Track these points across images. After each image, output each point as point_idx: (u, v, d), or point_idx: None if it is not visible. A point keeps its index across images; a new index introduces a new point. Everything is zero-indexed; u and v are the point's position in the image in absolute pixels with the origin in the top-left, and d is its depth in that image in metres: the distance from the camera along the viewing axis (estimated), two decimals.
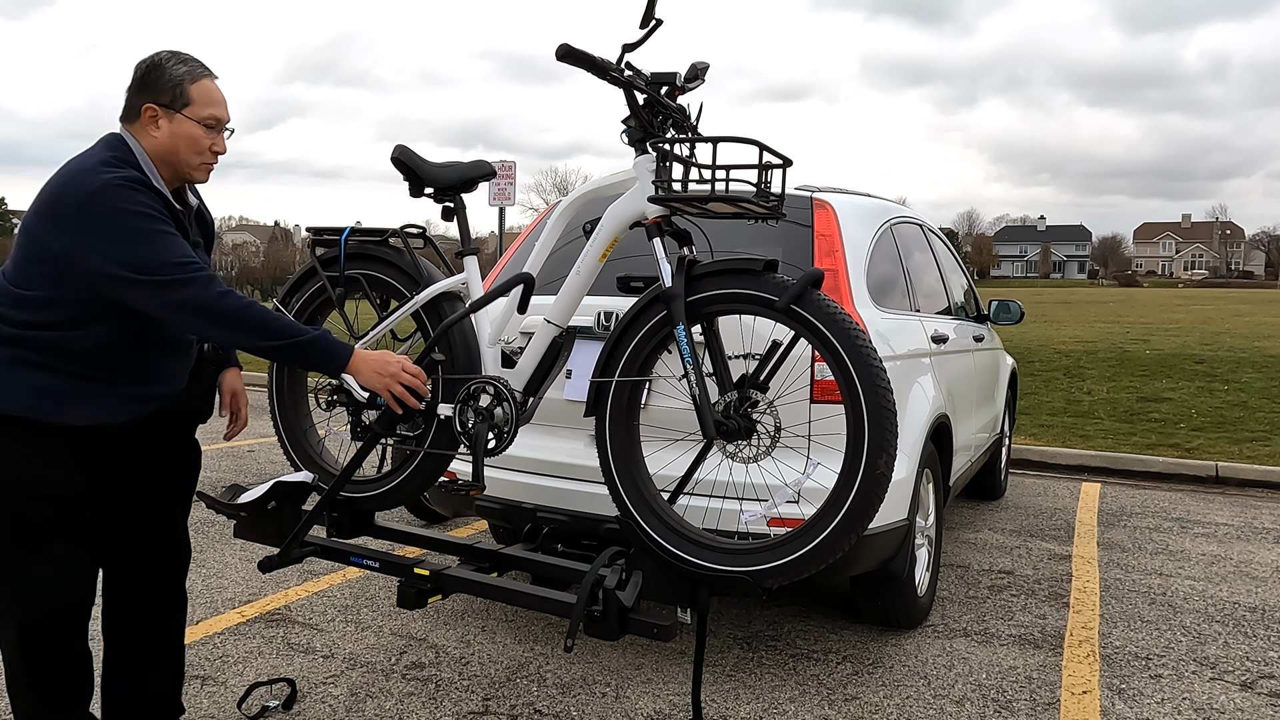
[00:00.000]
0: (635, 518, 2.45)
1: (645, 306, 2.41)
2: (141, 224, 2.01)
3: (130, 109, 2.15)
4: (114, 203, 1.99)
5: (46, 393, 2.07)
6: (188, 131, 2.15)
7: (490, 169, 2.74)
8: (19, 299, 2.05)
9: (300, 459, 3.02)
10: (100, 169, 2.02)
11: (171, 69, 2.13)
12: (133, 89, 2.14)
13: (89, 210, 1.99)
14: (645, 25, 2.33)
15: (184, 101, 2.13)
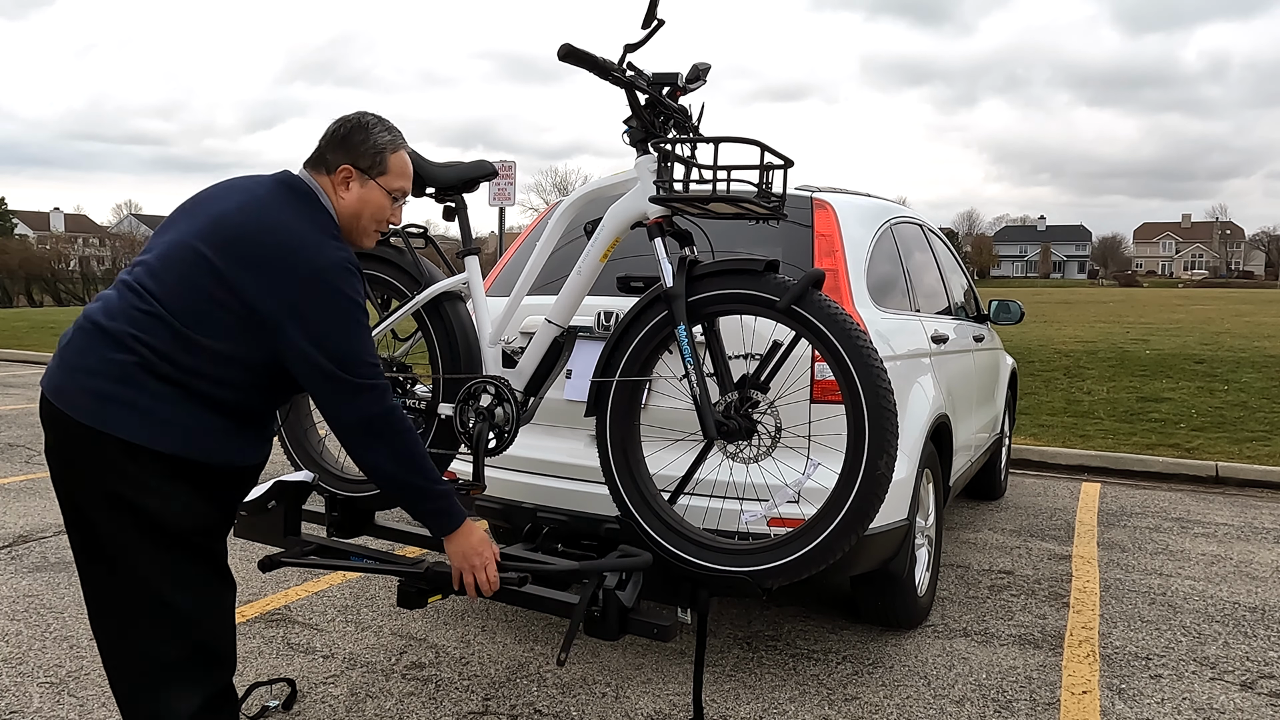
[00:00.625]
0: (635, 518, 2.45)
1: (646, 307, 2.41)
2: (357, 315, 1.91)
3: (322, 160, 2.07)
4: (340, 286, 1.88)
5: (212, 432, 1.89)
6: (377, 200, 2.08)
7: (491, 169, 2.74)
8: (189, 344, 1.83)
9: (300, 459, 3.03)
10: (331, 242, 1.93)
11: (376, 135, 2.07)
12: (331, 144, 2.07)
13: (317, 286, 1.87)
14: (647, 26, 2.33)
15: (381, 170, 2.07)
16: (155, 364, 1.81)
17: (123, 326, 1.82)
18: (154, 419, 1.81)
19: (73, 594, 3.75)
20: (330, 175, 2.05)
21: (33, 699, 2.86)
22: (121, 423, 1.79)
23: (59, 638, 3.32)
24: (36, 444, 6.77)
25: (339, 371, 1.88)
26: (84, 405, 1.80)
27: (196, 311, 1.84)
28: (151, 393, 1.81)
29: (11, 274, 37.25)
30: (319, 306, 1.86)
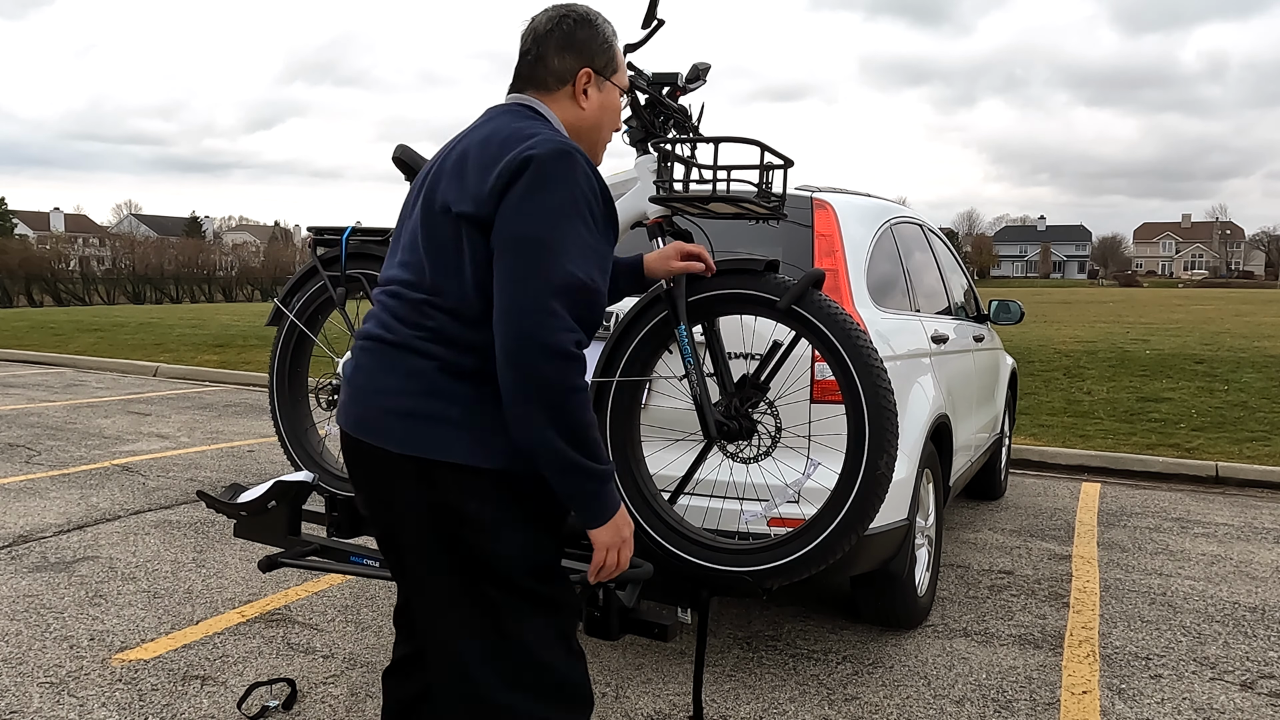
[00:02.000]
0: (636, 518, 2.45)
1: (646, 307, 2.41)
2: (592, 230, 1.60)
3: (543, 74, 1.75)
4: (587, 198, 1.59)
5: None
6: (615, 104, 1.80)
7: None
8: (470, 317, 1.58)
9: (300, 458, 3.03)
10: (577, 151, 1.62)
11: (604, 26, 1.77)
12: (557, 48, 1.74)
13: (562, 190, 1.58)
14: (647, 26, 2.33)
15: (614, 68, 1.78)
16: (454, 361, 1.58)
17: (406, 330, 1.60)
18: (473, 429, 1.57)
19: (73, 594, 3.75)
20: (562, 87, 1.75)
21: (33, 699, 2.86)
22: (438, 442, 1.57)
23: (59, 638, 3.32)
24: (36, 444, 6.78)
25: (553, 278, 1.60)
26: (393, 430, 1.58)
27: (481, 281, 1.59)
28: (462, 399, 1.57)
29: (11, 274, 37.26)
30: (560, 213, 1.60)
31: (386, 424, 1.59)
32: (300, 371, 3.08)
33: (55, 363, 12.70)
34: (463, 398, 1.57)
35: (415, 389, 1.58)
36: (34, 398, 9.25)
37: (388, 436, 1.58)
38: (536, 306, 1.52)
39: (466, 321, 1.58)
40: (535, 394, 1.52)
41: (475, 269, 1.58)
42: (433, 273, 1.60)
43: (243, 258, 50.64)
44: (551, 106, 1.75)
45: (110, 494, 5.38)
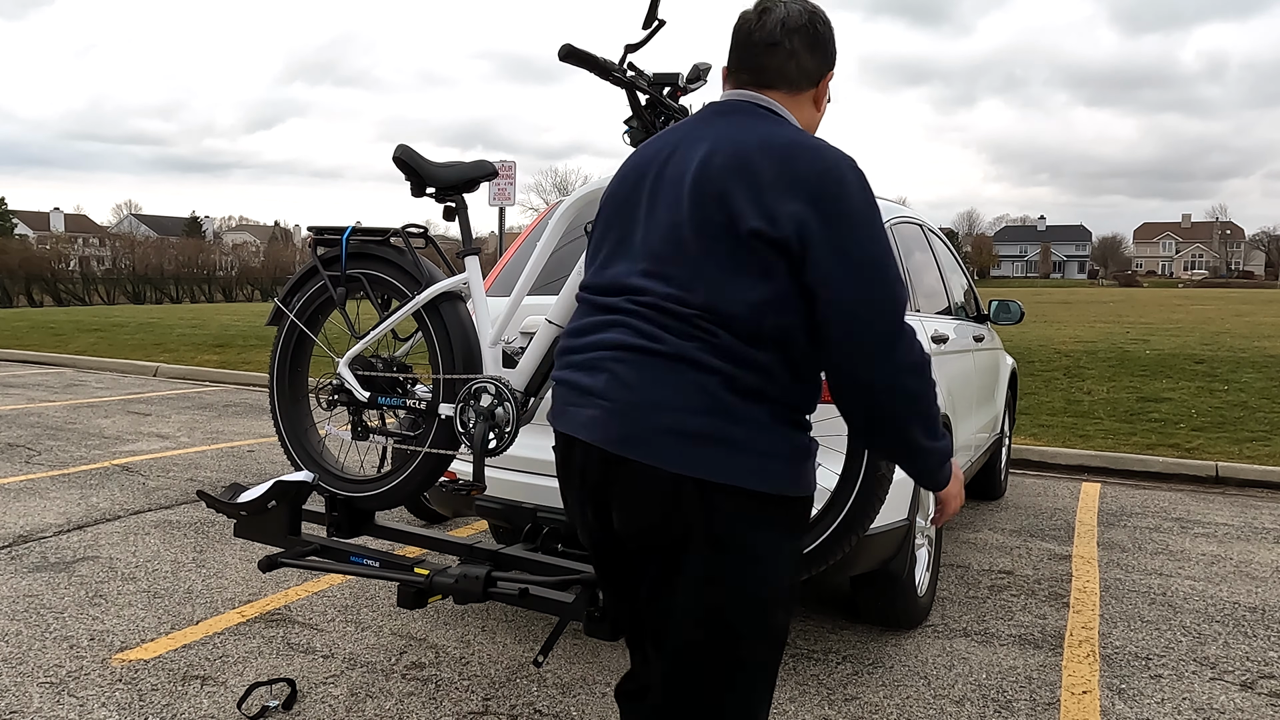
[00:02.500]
0: None
1: None
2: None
3: (801, 74, 1.64)
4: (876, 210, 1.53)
5: (800, 453, 1.57)
6: (825, 107, 1.72)
7: (492, 169, 2.74)
8: (752, 333, 1.49)
9: (301, 458, 3.03)
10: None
11: (830, 24, 1.67)
12: (806, 46, 1.63)
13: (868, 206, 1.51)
14: (648, 26, 2.33)
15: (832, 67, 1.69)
16: (738, 377, 1.48)
17: (680, 341, 1.49)
18: (755, 452, 1.48)
19: (73, 594, 3.75)
20: (809, 89, 1.66)
21: (33, 699, 2.86)
22: (721, 464, 1.46)
23: (59, 638, 3.32)
24: (36, 444, 6.78)
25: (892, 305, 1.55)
26: (671, 449, 1.46)
27: (775, 294, 1.49)
28: (745, 419, 1.48)
29: (11, 274, 37.25)
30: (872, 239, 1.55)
31: (664, 442, 1.46)
32: (301, 371, 3.08)
33: (55, 363, 12.70)
34: (746, 418, 1.47)
35: (697, 405, 1.46)
36: (34, 398, 9.25)
37: (665, 455, 1.46)
38: (895, 330, 1.48)
39: (747, 337, 1.48)
40: (911, 411, 1.51)
41: (763, 282, 1.47)
42: (707, 284, 1.49)
43: (243, 258, 50.65)
44: (790, 107, 1.64)
45: (110, 494, 5.38)
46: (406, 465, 2.76)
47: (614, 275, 1.59)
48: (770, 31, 1.62)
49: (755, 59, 1.64)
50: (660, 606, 1.56)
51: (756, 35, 1.64)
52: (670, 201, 1.55)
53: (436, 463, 2.71)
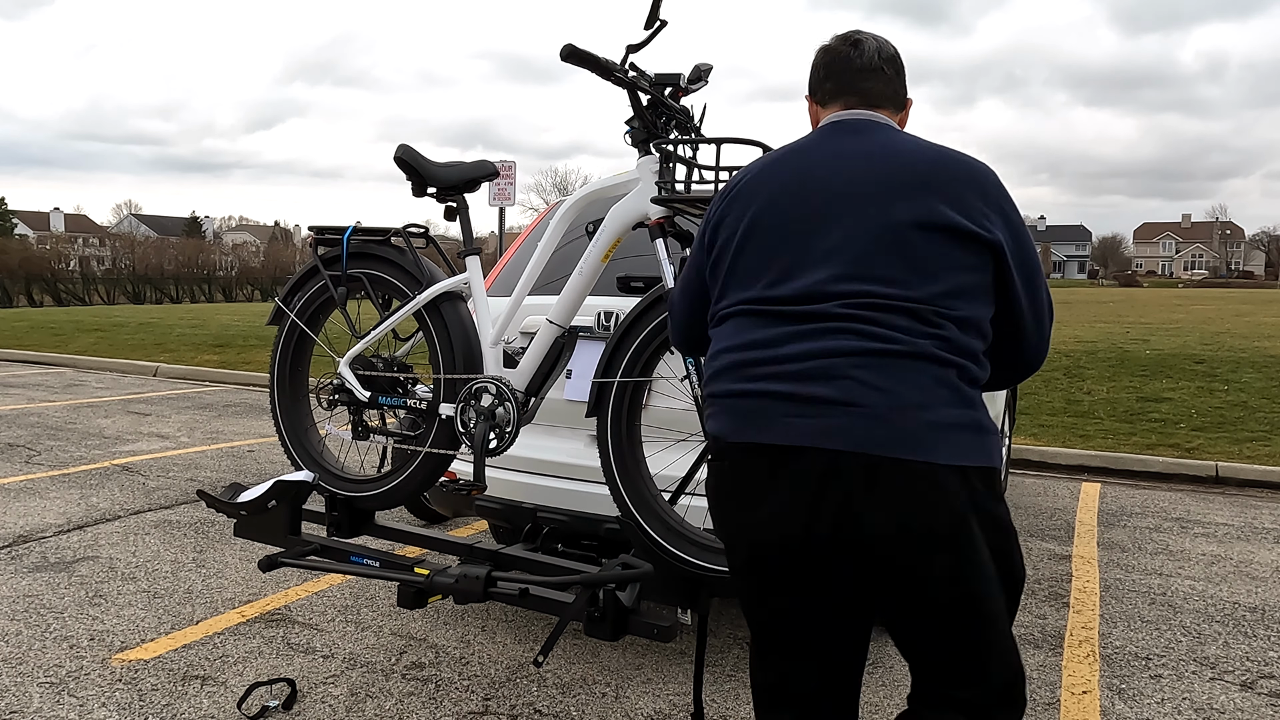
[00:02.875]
0: (636, 518, 2.45)
1: (648, 307, 2.41)
2: None
3: (901, 96, 1.82)
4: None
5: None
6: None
7: (493, 169, 2.74)
8: (968, 325, 1.58)
9: (301, 458, 3.03)
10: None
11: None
12: (895, 75, 1.81)
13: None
14: (650, 26, 2.33)
15: None
16: (967, 369, 1.57)
17: (919, 340, 1.54)
18: (991, 432, 1.57)
19: (73, 594, 3.75)
20: (902, 110, 1.83)
21: (33, 699, 2.85)
22: (976, 448, 1.54)
23: (59, 638, 3.32)
24: (36, 444, 6.77)
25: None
26: (938, 443, 1.51)
27: (983, 297, 1.61)
28: (980, 405, 1.57)
29: (11, 274, 37.22)
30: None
31: (932, 437, 1.50)
32: (301, 371, 3.08)
33: (55, 363, 12.70)
34: (978, 403, 1.58)
35: (946, 399, 1.53)
36: (34, 398, 9.25)
37: (936, 450, 1.50)
38: (1051, 320, 1.75)
39: (966, 329, 1.57)
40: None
41: (973, 278, 1.60)
42: (931, 281, 1.56)
43: (243, 258, 50.60)
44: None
45: (110, 494, 5.38)
46: (407, 465, 2.76)
47: (805, 285, 1.60)
48: (870, 59, 1.78)
49: (860, 84, 1.78)
50: (928, 600, 1.63)
51: (857, 63, 1.78)
52: (859, 210, 1.61)
53: (437, 463, 2.71)
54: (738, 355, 1.63)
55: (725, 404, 1.63)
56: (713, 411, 1.65)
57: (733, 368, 1.63)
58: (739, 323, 1.66)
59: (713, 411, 1.65)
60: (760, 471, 1.58)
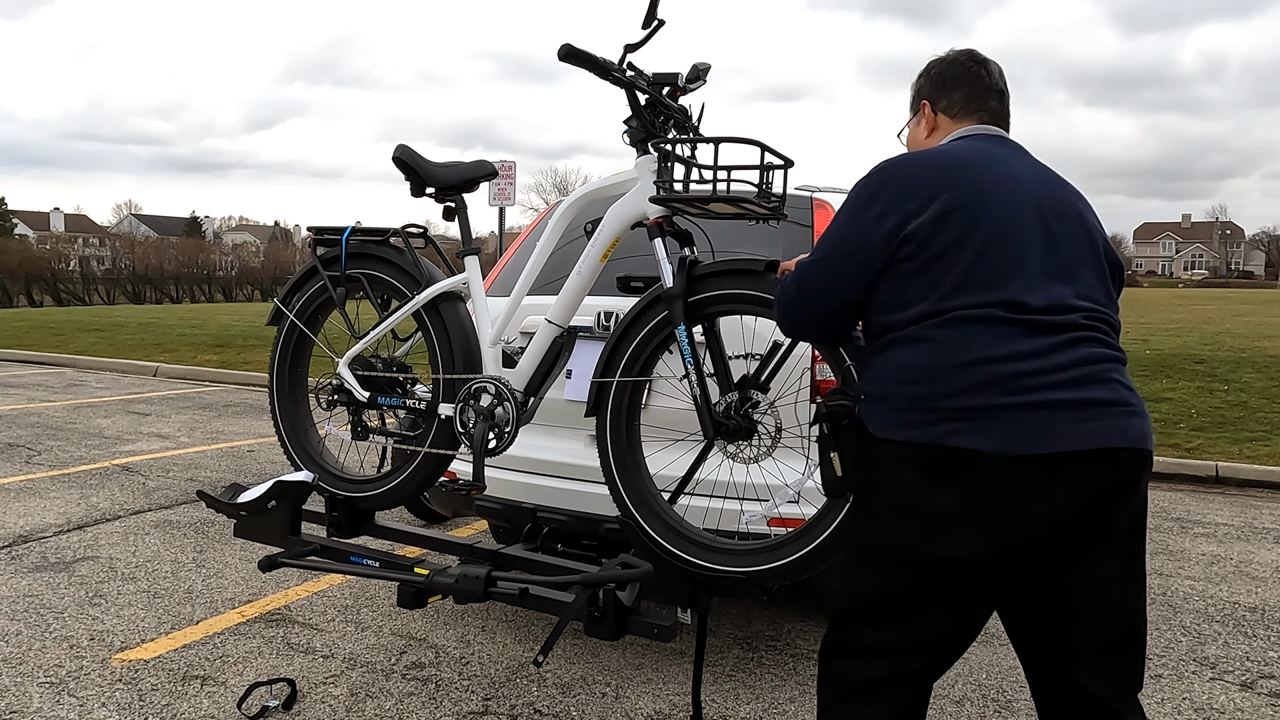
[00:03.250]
0: (635, 518, 2.45)
1: (646, 307, 2.41)
2: None
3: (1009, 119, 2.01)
4: None
5: None
6: None
7: (492, 169, 2.74)
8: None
9: (301, 458, 3.03)
10: None
11: None
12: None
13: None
14: (647, 26, 2.33)
15: None
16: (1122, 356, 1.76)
17: (1120, 351, 1.74)
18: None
19: (73, 594, 3.75)
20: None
21: (33, 699, 2.86)
22: (1149, 433, 1.70)
23: (59, 638, 3.32)
24: (36, 444, 6.78)
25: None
26: (1148, 433, 1.69)
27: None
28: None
29: (11, 274, 37.22)
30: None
31: (1149, 429, 1.70)
32: (300, 371, 3.08)
33: (55, 363, 12.70)
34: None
35: (1132, 388, 1.71)
36: (34, 398, 9.25)
37: (1149, 439, 1.69)
38: None
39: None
40: None
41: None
42: (1111, 304, 1.77)
43: (243, 258, 50.63)
44: None
45: (110, 494, 5.38)
46: (406, 465, 2.76)
47: (1054, 298, 1.67)
48: (997, 80, 1.95)
49: (990, 102, 1.93)
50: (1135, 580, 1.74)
51: (988, 82, 1.93)
52: (1064, 229, 1.74)
53: (436, 463, 2.71)
54: (1007, 367, 1.60)
55: (997, 417, 1.59)
56: (972, 426, 1.60)
57: (1002, 380, 1.60)
58: (982, 330, 1.63)
59: (972, 426, 1.60)
60: (1035, 480, 1.59)
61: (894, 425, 1.67)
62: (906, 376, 1.66)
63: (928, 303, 1.67)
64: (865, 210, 1.75)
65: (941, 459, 1.61)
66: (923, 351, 1.65)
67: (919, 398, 1.64)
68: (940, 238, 1.68)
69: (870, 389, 1.74)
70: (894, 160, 1.81)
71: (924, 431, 1.62)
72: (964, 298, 1.65)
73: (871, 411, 1.73)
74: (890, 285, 1.72)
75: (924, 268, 1.68)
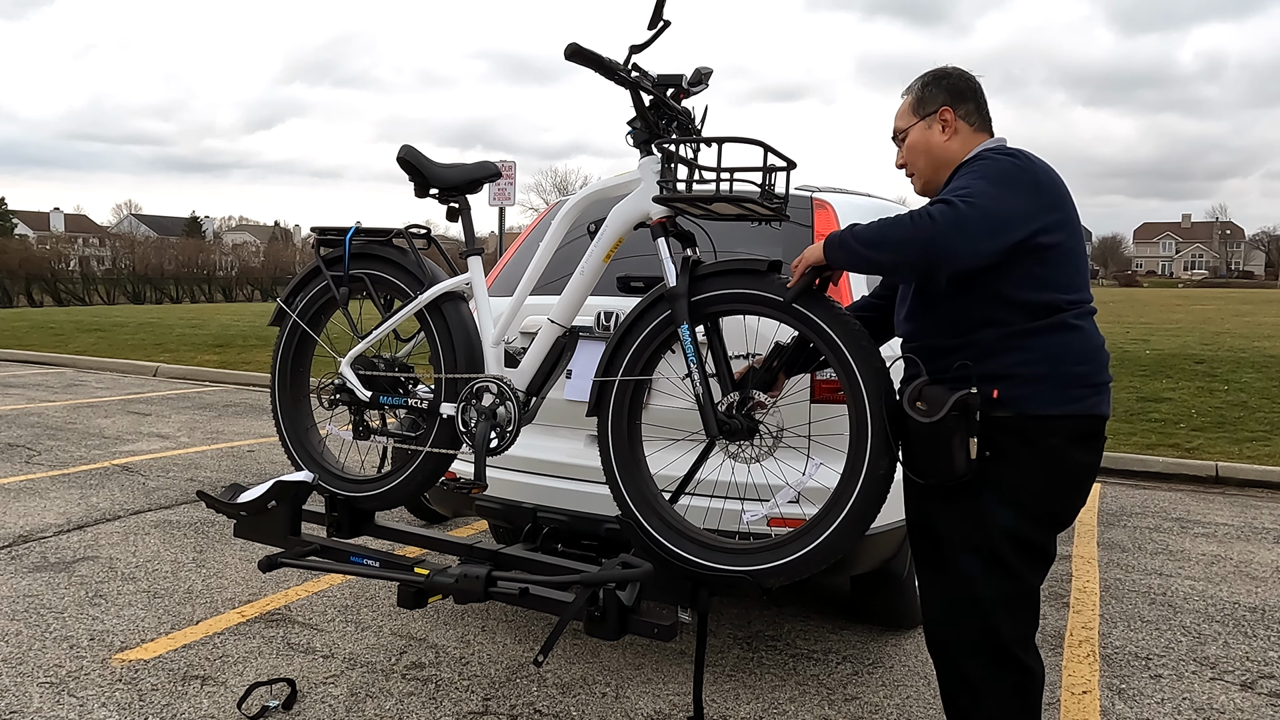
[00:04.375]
0: (636, 517, 2.45)
1: (649, 306, 2.41)
2: None
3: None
4: None
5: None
6: None
7: (495, 169, 2.74)
8: None
9: (301, 458, 3.02)
10: None
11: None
12: None
13: None
14: (653, 27, 2.33)
15: None
16: None
17: None
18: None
19: (73, 594, 3.75)
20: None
21: (33, 699, 2.86)
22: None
23: (59, 638, 3.32)
24: (36, 444, 6.78)
25: None
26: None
27: None
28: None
29: (11, 274, 37.16)
30: None
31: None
32: (302, 371, 3.07)
33: (55, 363, 12.70)
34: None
35: None
36: (34, 398, 9.25)
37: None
38: None
39: None
40: None
41: None
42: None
43: (243, 258, 50.57)
44: None
45: (110, 494, 5.38)
46: (407, 465, 2.75)
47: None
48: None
49: (990, 118, 2.24)
50: None
51: (984, 99, 2.23)
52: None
53: (437, 462, 2.71)
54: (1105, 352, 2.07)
55: (1108, 390, 2.05)
56: (1105, 397, 2.03)
57: (1106, 361, 2.06)
58: (1091, 322, 2.05)
59: (1105, 397, 2.03)
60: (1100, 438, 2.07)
61: (1057, 402, 1.96)
62: (1072, 359, 1.98)
63: (1064, 296, 1.99)
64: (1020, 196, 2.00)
65: (1090, 426, 2.00)
66: (1082, 336, 2.00)
67: (1082, 376, 1.99)
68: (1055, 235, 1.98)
69: (1027, 371, 1.97)
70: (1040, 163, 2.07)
71: (1081, 404, 1.98)
72: (1073, 294, 2.01)
73: (1028, 393, 1.96)
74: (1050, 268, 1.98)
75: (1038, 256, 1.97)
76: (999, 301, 1.98)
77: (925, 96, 2.19)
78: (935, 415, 1.90)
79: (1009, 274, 1.96)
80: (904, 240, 1.90)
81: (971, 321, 2.01)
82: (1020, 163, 1.99)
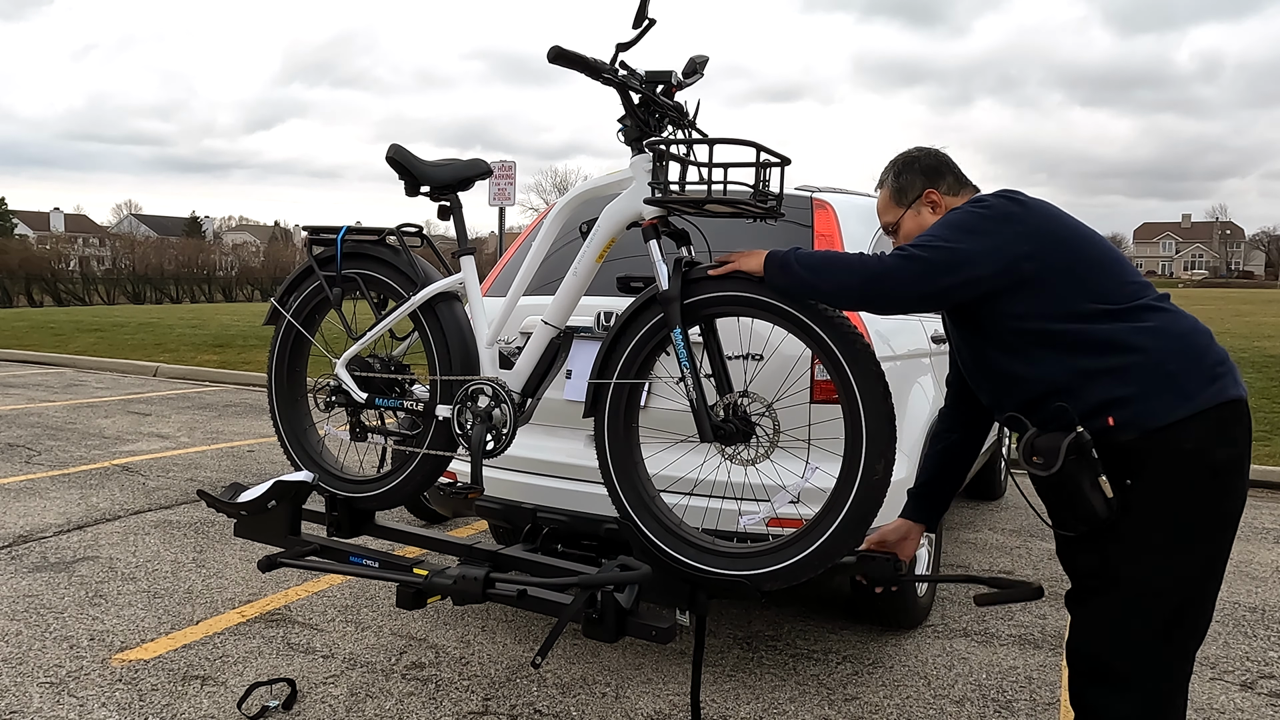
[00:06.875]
0: (634, 519, 2.45)
1: (640, 308, 2.40)
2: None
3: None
4: None
5: None
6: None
7: (486, 167, 2.73)
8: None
9: (300, 458, 3.02)
10: None
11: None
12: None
13: None
14: (638, 25, 2.32)
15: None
16: None
17: None
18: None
19: (73, 594, 3.75)
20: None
21: (33, 699, 2.86)
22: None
23: (59, 638, 3.32)
24: (36, 444, 6.78)
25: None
26: None
27: None
28: None
29: (11, 274, 37.16)
30: None
31: None
32: (299, 371, 3.07)
33: (55, 363, 12.70)
34: None
35: None
36: (34, 398, 9.25)
37: None
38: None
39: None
40: None
41: None
42: None
43: (243, 258, 50.54)
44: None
45: (110, 494, 5.38)
46: (406, 466, 2.75)
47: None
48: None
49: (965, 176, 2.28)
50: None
51: (953, 162, 2.29)
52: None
53: (435, 464, 2.71)
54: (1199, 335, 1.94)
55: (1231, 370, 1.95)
56: (1227, 380, 1.90)
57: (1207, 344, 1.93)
58: (1167, 312, 1.97)
59: (1227, 380, 1.90)
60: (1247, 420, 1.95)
61: (1174, 405, 1.82)
62: (1163, 354, 1.84)
63: (1125, 289, 1.94)
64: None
65: (1223, 414, 1.85)
66: (1160, 330, 1.87)
67: (1187, 367, 1.85)
68: (1075, 252, 2.01)
69: (1126, 388, 1.84)
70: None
71: (1202, 395, 1.83)
72: (1141, 289, 1.95)
73: (1141, 408, 1.83)
74: (1066, 288, 1.92)
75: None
76: (1044, 336, 1.90)
77: (904, 185, 2.22)
78: (1054, 466, 1.82)
79: (1028, 305, 1.91)
80: (848, 268, 1.97)
81: (1031, 363, 1.93)
82: (978, 209, 1.99)
